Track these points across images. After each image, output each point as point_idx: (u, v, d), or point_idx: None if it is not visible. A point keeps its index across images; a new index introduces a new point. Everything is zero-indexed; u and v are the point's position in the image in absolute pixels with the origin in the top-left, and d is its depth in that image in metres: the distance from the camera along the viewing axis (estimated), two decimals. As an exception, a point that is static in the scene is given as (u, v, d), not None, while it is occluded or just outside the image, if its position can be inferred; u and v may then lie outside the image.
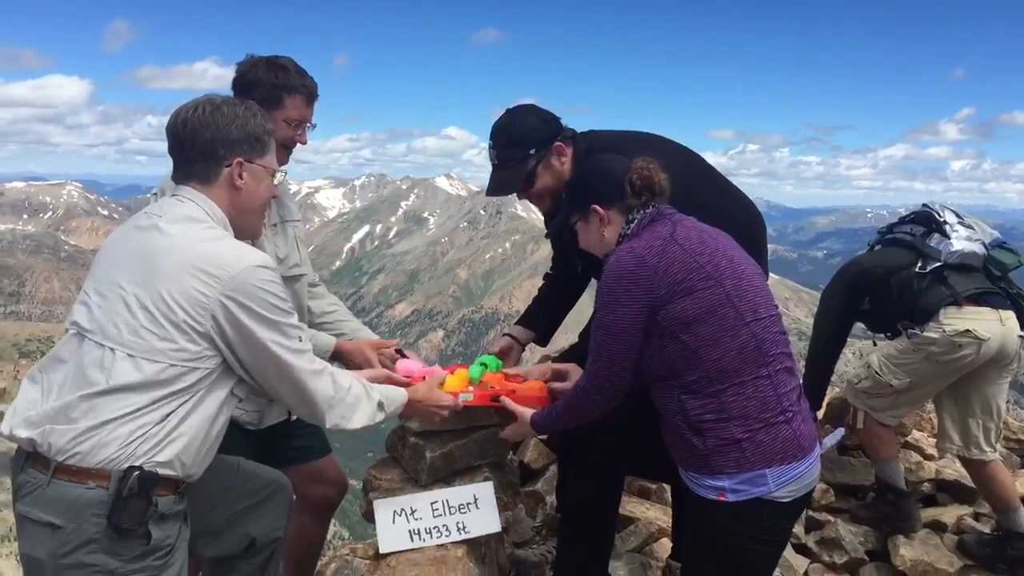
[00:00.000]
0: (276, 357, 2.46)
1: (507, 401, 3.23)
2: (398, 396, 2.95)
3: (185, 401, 2.37)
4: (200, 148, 2.51)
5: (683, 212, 2.92)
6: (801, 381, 2.85)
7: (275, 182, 2.75)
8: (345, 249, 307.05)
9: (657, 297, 2.64)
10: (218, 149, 2.52)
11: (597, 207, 2.90)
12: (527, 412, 3.15)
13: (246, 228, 2.65)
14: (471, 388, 3.31)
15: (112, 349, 2.31)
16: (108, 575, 2.30)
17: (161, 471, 2.32)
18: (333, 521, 4.18)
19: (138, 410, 2.29)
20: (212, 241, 2.43)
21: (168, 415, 2.34)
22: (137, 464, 2.28)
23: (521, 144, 3.38)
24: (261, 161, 2.62)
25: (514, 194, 3.49)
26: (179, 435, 2.36)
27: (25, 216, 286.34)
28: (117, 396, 2.29)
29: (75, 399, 2.30)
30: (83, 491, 2.26)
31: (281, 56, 3.27)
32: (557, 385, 3.31)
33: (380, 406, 2.81)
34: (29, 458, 2.35)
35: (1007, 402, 4.62)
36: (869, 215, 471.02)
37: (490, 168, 3.52)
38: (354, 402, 2.71)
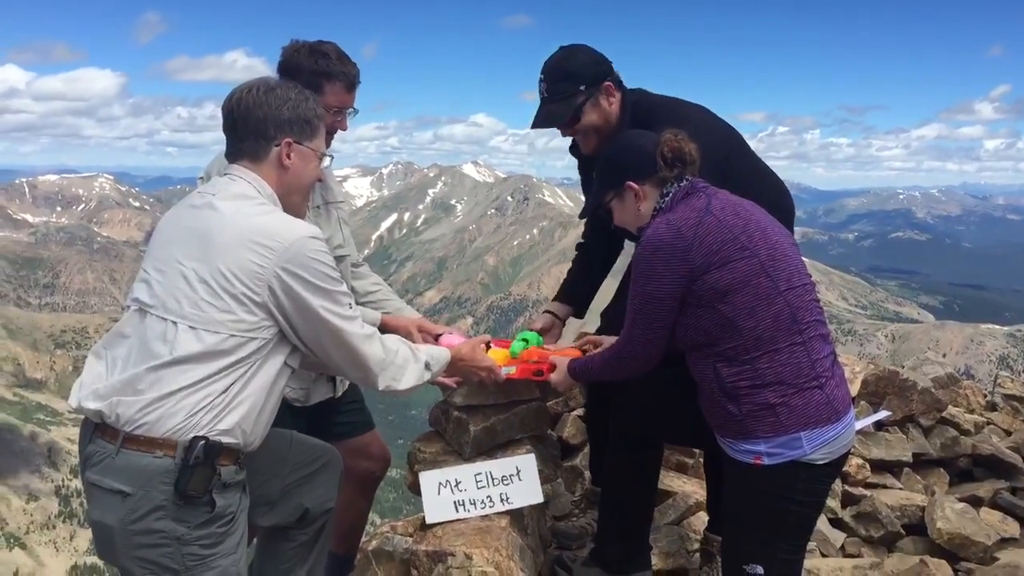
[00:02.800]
0: (328, 323, 2.56)
1: (551, 354, 3.38)
2: (442, 355, 3.07)
3: (245, 371, 2.46)
4: (252, 127, 2.62)
5: (721, 181, 2.98)
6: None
7: (322, 165, 2.83)
8: (373, 237, 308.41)
9: (694, 267, 2.72)
10: (268, 129, 2.62)
11: (632, 183, 2.95)
12: (565, 360, 3.29)
13: (289, 207, 2.72)
14: (511, 361, 3.40)
15: (174, 322, 2.41)
16: (175, 541, 2.40)
17: (224, 439, 2.42)
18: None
19: (201, 380, 2.39)
20: (264, 215, 2.53)
21: (230, 386, 2.44)
22: (202, 434, 2.38)
23: (572, 79, 3.39)
24: (310, 143, 2.71)
25: (556, 141, 3.53)
26: (239, 403, 2.46)
27: (58, 209, 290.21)
28: (181, 367, 2.38)
29: (141, 371, 2.40)
30: (151, 460, 2.36)
31: (325, 42, 3.34)
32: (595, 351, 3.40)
33: (427, 366, 2.93)
34: (97, 429, 2.45)
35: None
36: (901, 196, 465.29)
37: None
38: (403, 363, 2.82)
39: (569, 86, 3.39)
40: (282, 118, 2.63)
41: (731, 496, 2.98)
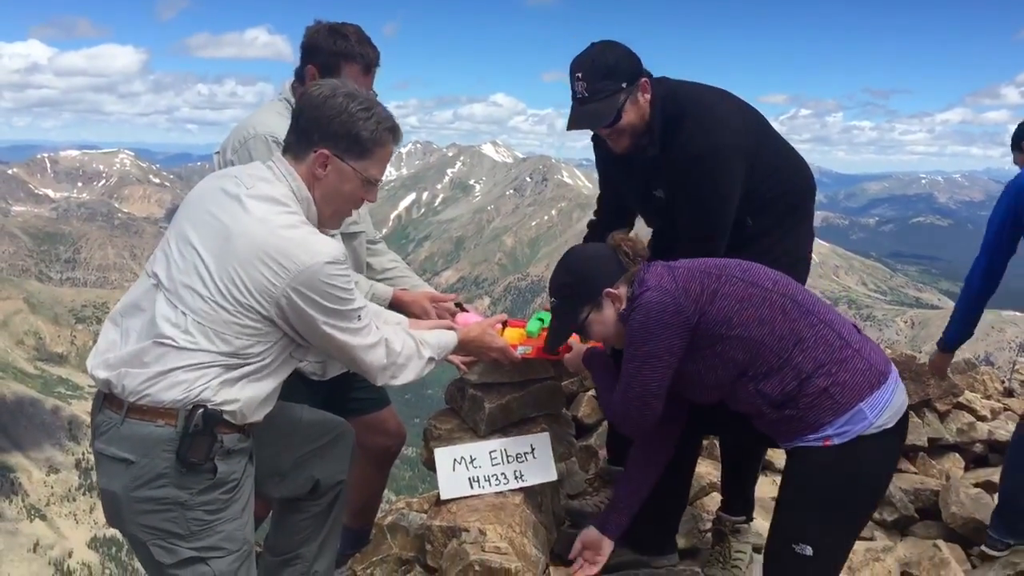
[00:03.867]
0: (334, 339, 2.59)
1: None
2: (448, 342, 3.08)
3: (247, 363, 2.51)
4: (302, 124, 2.60)
5: (752, 167, 3.09)
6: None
7: (365, 192, 2.72)
8: (392, 216, 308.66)
9: (690, 315, 2.76)
10: (314, 133, 2.58)
11: (610, 290, 2.98)
12: (583, 346, 3.33)
13: (321, 217, 2.68)
14: (528, 341, 3.42)
15: (184, 313, 2.45)
16: (178, 506, 2.47)
17: (224, 408, 2.48)
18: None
19: (205, 362, 2.44)
20: (288, 229, 2.49)
21: (232, 371, 2.48)
22: (202, 404, 2.43)
23: (613, 76, 3.28)
24: (354, 163, 2.62)
25: (586, 133, 3.49)
26: (240, 391, 2.50)
27: (79, 184, 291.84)
28: (188, 353, 2.43)
29: (149, 344, 2.45)
30: (153, 428, 2.43)
31: (347, 23, 3.34)
32: None
33: (430, 360, 2.96)
34: (106, 399, 2.52)
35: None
36: (923, 181, 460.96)
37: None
38: (404, 363, 2.84)
39: (611, 84, 3.27)
40: (330, 128, 2.56)
41: (793, 479, 2.94)
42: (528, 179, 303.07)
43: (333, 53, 3.27)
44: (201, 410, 2.42)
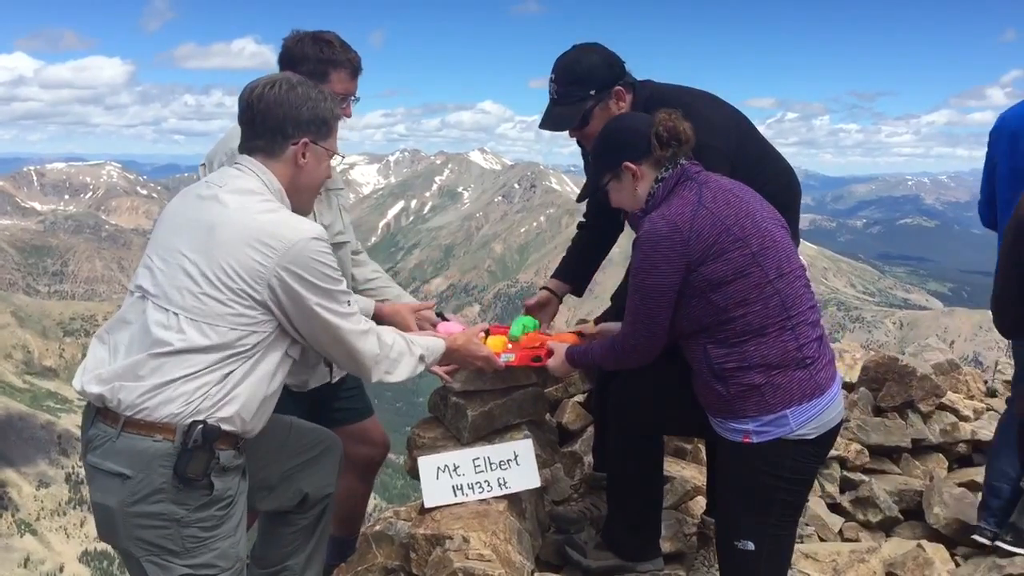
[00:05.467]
0: (326, 321, 2.59)
1: (549, 340, 3.45)
2: (437, 347, 3.11)
3: (244, 362, 2.50)
4: (271, 124, 2.62)
5: (732, 169, 3.06)
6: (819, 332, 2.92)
7: (331, 165, 2.86)
8: (380, 225, 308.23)
9: (692, 260, 2.78)
10: (287, 127, 2.62)
11: (630, 164, 2.97)
12: (563, 346, 3.35)
13: (299, 204, 2.75)
14: (511, 347, 3.44)
15: (176, 313, 2.45)
16: (174, 523, 2.45)
17: (223, 426, 2.47)
18: (373, 494, 4.33)
19: (202, 369, 2.44)
20: (268, 213, 2.54)
21: (228, 375, 2.48)
22: (200, 419, 2.43)
23: (582, 83, 3.36)
24: (325, 143, 2.72)
25: (561, 132, 3.51)
26: (239, 393, 2.50)
27: (66, 197, 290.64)
28: (182, 357, 2.42)
29: (143, 358, 2.44)
30: (151, 443, 2.41)
31: (326, 31, 3.36)
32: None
33: (421, 358, 2.97)
34: (99, 413, 2.50)
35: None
36: (910, 183, 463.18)
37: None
38: (397, 357, 2.86)
39: (579, 90, 3.37)
40: (302, 118, 2.63)
41: (723, 474, 3.08)
42: (516, 186, 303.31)
43: (320, 61, 3.28)
44: (200, 426, 2.42)
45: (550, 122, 3.47)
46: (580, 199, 3.53)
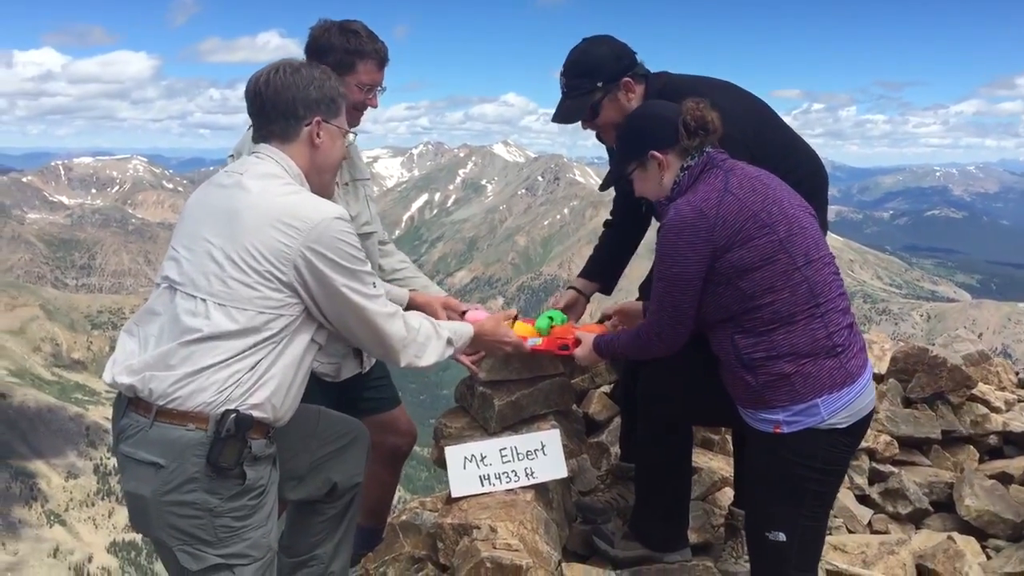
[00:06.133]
0: (352, 302, 2.60)
1: (576, 330, 3.44)
2: (465, 331, 3.11)
3: (273, 348, 2.51)
4: (282, 107, 2.65)
5: (749, 155, 2.99)
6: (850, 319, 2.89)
7: (346, 143, 2.88)
8: (404, 218, 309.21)
9: (718, 247, 2.75)
10: (298, 108, 2.65)
11: (656, 152, 2.96)
12: (590, 335, 3.33)
13: (321, 185, 2.77)
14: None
15: (203, 299, 2.46)
16: (207, 512, 2.46)
17: (255, 413, 2.48)
18: (398, 486, 4.34)
19: (232, 357, 2.45)
20: (291, 195, 2.57)
21: (258, 362, 2.49)
22: (233, 407, 2.44)
23: (589, 75, 3.40)
24: (336, 121, 2.75)
25: (580, 124, 3.54)
26: (269, 379, 2.51)
27: (93, 191, 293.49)
28: (212, 343, 2.44)
29: (173, 347, 2.45)
30: (184, 432, 2.43)
31: (353, 21, 3.36)
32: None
33: (449, 342, 2.98)
34: (131, 403, 2.51)
35: None
36: (938, 174, 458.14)
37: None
38: (425, 341, 2.87)
39: (586, 82, 3.41)
40: (311, 97, 2.66)
41: (753, 465, 3.04)
42: (540, 178, 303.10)
43: (348, 51, 3.28)
44: (233, 414, 2.43)
45: (560, 115, 3.53)
46: (604, 187, 3.53)
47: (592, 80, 3.39)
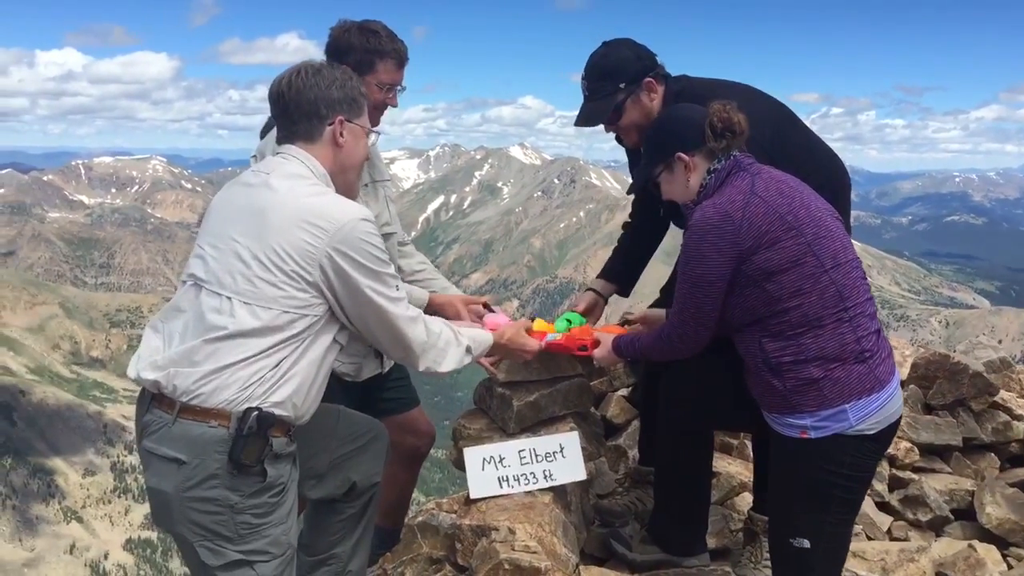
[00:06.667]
0: (375, 304, 2.61)
1: (596, 332, 3.44)
2: (485, 339, 3.12)
3: (296, 347, 2.53)
4: (305, 108, 2.66)
5: (769, 159, 2.98)
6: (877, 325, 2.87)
7: (369, 142, 2.89)
8: (420, 219, 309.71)
9: (743, 250, 2.74)
10: (321, 108, 2.67)
11: (682, 155, 2.95)
12: (610, 336, 3.33)
13: (346, 184, 2.79)
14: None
15: (229, 297, 2.48)
16: (228, 509, 2.48)
17: (276, 411, 2.49)
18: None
19: (255, 354, 2.46)
20: (317, 196, 2.58)
21: (282, 360, 2.50)
22: (255, 405, 2.45)
23: (611, 77, 3.41)
24: (358, 121, 2.77)
25: (601, 127, 3.56)
26: (291, 377, 2.52)
27: (113, 190, 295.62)
28: (236, 341, 2.45)
29: (198, 343, 2.47)
30: (206, 429, 2.44)
31: (373, 21, 3.38)
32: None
33: (468, 350, 2.98)
34: (154, 400, 2.53)
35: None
36: (957, 179, 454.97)
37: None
38: (444, 347, 2.87)
39: (609, 84, 3.41)
40: (333, 97, 2.68)
41: (778, 471, 3.01)
42: (556, 181, 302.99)
43: (368, 51, 3.30)
44: (256, 412, 2.45)
45: (583, 118, 3.53)
46: (630, 191, 3.53)
47: (614, 82, 3.40)
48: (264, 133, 4.66)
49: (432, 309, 3.59)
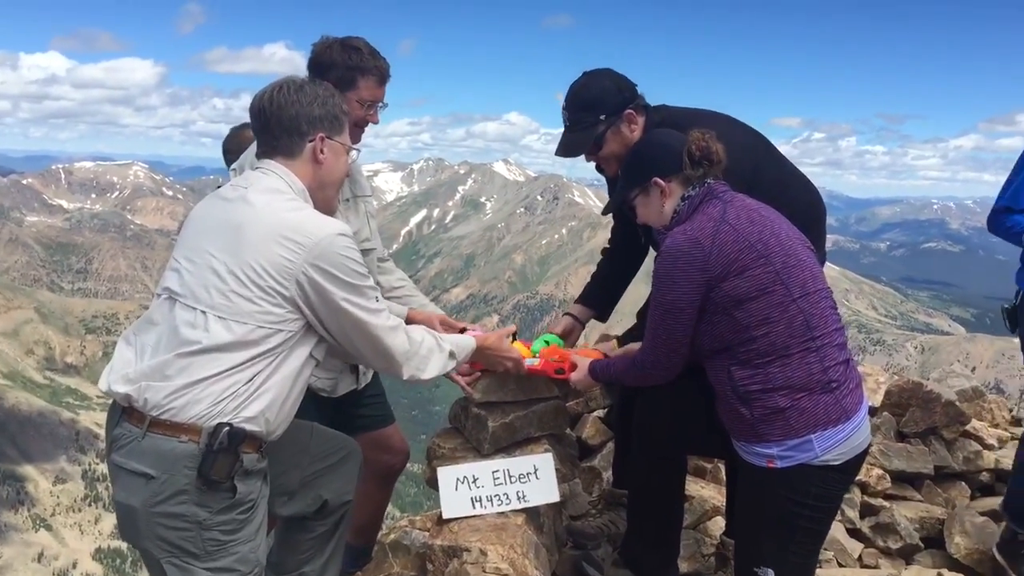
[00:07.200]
0: (355, 317, 2.61)
1: (572, 354, 3.45)
2: (467, 344, 3.12)
3: (271, 361, 2.52)
4: (286, 124, 2.67)
5: (747, 189, 3.00)
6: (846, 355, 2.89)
7: (349, 159, 2.89)
8: (403, 233, 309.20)
9: (712, 276, 2.76)
10: (302, 125, 2.67)
11: (659, 180, 2.97)
12: (587, 360, 3.35)
13: (324, 201, 2.79)
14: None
15: (203, 312, 2.47)
16: (196, 525, 2.46)
17: (248, 427, 2.48)
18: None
19: (229, 369, 2.45)
20: (294, 211, 2.58)
21: (255, 375, 2.49)
22: (226, 421, 2.44)
23: (592, 108, 3.44)
24: (339, 138, 2.77)
25: (581, 157, 3.58)
26: (264, 391, 2.51)
27: (93, 195, 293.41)
28: (210, 356, 2.44)
29: (171, 358, 2.45)
30: (176, 444, 2.42)
31: (354, 37, 3.38)
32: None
33: (451, 355, 2.98)
34: (125, 413, 2.51)
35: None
36: (935, 207, 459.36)
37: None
38: (427, 354, 2.87)
39: (590, 116, 3.45)
40: (314, 114, 2.69)
41: (745, 499, 3.02)
42: (539, 198, 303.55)
43: (349, 67, 3.31)
44: (226, 428, 2.43)
45: (564, 149, 3.56)
46: (606, 211, 3.55)
47: (595, 113, 3.43)
48: (226, 144, 4.63)
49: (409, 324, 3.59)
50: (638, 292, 3.79)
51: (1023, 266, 4.27)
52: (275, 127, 2.68)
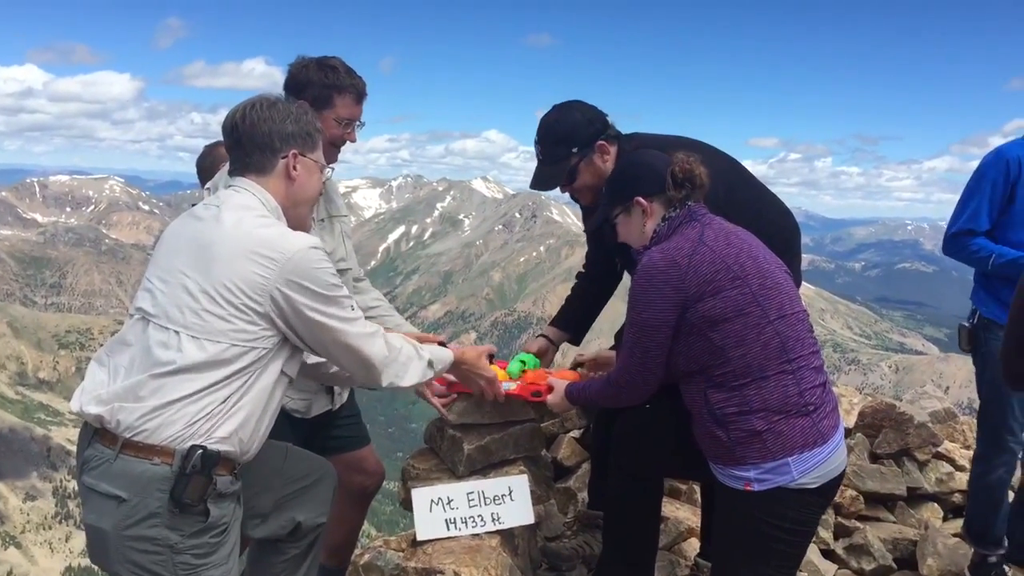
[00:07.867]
0: (331, 328, 2.60)
1: (549, 376, 3.47)
2: (446, 356, 3.11)
3: (245, 379, 2.50)
4: (258, 141, 2.67)
5: (722, 214, 3.02)
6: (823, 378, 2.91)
7: (323, 177, 2.89)
8: (380, 249, 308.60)
9: (687, 296, 2.77)
10: (275, 141, 2.67)
11: (641, 200, 3.00)
12: (563, 382, 3.36)
13: (297, 219, 2.78)
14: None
15: (176, 331, 2.45)
16: (168, 549, 2.43)
17: (221, 448, 2.46)
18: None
19: (202, 390, 2.43)
20: (265, 228, 2.57)
21: (229, 396, 2.47)
22: (199, 443, 2.42)
23: (564, 142, 3.48)
24: (312, 155, 2.77)
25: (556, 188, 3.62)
26: (237, 410, 2.49)
27: (68, 209, 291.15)
28: (183, 376, 2.42)
29: (144, 379, 2.43)
30: (148, 466, 2.40)
31: (331, 56, 3.40)
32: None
33: (430, 364, 2.97)
34: (97, 434, 2.49)
35: None
36: (909, 227, 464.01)
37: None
38: (406, 361, 2.86)
39: (562, 149, 3.50)
40: (287, 131, 2.69)
41: (721, 522, 3.02)
42: (517, 215, 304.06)
43: (325, 86, 3.32)
44: (200, 451, 2.41)
45: (538, 182, 3.63)
46: (589, 228, 3.58)
47: (567, 147, 3.49)
48: (200, 163, 4.61)
49: None
50: (616, 311, 3.81)
51: (978, 286, 4.34)
52: (247, 144, 2.68)
